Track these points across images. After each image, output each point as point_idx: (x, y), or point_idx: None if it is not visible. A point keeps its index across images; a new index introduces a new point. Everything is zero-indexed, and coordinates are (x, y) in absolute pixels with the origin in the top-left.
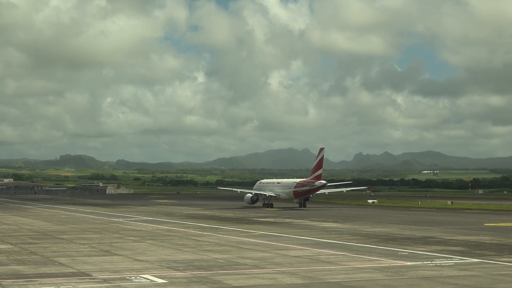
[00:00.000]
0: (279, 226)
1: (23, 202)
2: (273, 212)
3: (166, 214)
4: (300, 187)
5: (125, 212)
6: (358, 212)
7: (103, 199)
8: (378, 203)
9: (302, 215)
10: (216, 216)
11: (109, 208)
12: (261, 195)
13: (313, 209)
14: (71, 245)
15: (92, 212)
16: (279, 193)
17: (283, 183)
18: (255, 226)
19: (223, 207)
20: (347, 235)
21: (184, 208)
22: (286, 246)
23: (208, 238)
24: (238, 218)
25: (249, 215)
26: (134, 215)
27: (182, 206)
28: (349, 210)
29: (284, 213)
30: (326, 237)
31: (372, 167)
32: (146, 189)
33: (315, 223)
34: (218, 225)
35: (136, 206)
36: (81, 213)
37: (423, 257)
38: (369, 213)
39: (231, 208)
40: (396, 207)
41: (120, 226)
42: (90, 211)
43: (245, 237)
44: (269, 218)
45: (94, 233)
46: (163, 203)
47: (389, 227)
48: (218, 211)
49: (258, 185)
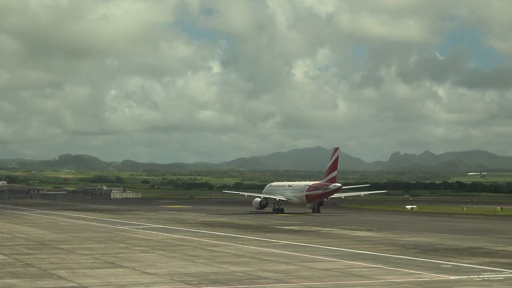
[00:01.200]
0: (305, 235)
1: (17, 208)
2: (298, 219)
3: (178, 221)
4: (313, 190)
5: (132, 219)
6: (394, 219)
7: (107, 204)
8: (417, 209)
9: (332, 222)
10: (234, 224)
11: (114, 214)
12: (270, 199)
13: (339, 215)
14: (71, 256)
15: (95, 219)
16: (291, 197)
17: (295, 186)
18: (278, 235)
19: (241, 213)
20: (383, 245)
21: (198, 215)
22: (314, 258)
23: (225, 249)
24: (259, 226)
25: (271, 222)
26: (142, 223)
27: (195, 212)
28: (384, 217)
29: (311, 220)
30: (358, 248)
31: (410, 169)
32: (155, 193)
33: (346, 231)
34: (236, 233)
35: (144, 212)
36: (82, 220)
37: (469, 271)
38: (407, 221)
39: (249, 214)
40: (438, 213)
41: (127, 234)
42: (93, 217)
43: (267, 247)
44: (294, 226)
45: (97, 243)
46: (175, 209)
47: (430, 236)
48: (236, 218)
49: (267, 189)
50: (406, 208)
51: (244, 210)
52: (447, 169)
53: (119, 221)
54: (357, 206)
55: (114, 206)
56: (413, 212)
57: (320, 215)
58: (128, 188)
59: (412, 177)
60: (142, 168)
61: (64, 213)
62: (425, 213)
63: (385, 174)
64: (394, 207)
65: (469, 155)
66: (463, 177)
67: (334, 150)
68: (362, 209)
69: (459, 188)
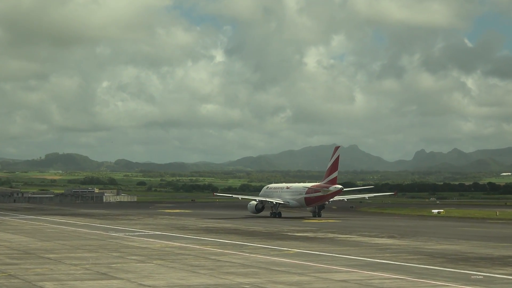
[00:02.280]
0: (320, 242)
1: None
2: (312, 225)
3: (177, 227)
4: (312, 192)
5: (127, 225)
6: (419, 225)
7: (99, 209)
8: (445, 213)
9: (350, 228)
10: (240, 230)
11: (106, 220)
12: (267, 202)
13: (350, 219)
14: (59, 266)
15: (86, 225)
16: (289, 200)
17: (293, 188)
18: (289, 243)
19: (243, 217)
20: (406, 254)
21: (200, 220)
22: (329, 268)
23: (230, 258)
24: (268, 233)
25: (282, 228)
26: (138, 229)
27: (197, 218)
28: (408, 222)
29: (327, 226)
30: (379, 257)
31: (437, 168)
32: (152, 196)
33: (365, 238)
34: (243, 241)
35: (140, 218)
36: (71, 226)
37: (502, 282)
38: (433, 226)
39: (257, 219)
40: (468, 218)
41: (121, 242)
42: (83, 223)
43: (277, 257)
44: (307, 232)
45: (88, 252)
46: (174, 214)
47: (459, 243)
48: (243, 223)
49: (265, 191)
50: (432, 212)
51: (233, 214)
52: (478, 169)
53: (112, 227)
54: (378, 210)
55: (106, 210)
56: (440, 217)
57: (321, 219)
58: (122, 191)
59: (438, 177)
60: (137, 168)
61: (51, 218)
62: (453, 218)
63: (409, 174)
64: (419, 211)
65: (502, 153)
66: (496, 178)
67: (335, 149)
68: (383, 213)
69: (491, 190)
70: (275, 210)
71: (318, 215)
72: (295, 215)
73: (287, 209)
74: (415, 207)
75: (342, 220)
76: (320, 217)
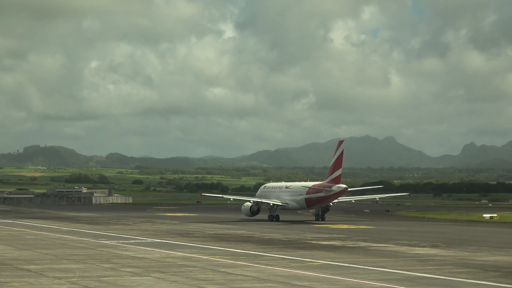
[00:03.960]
0: (349, 252)
1: None
2: (340, 232)
3: (180, 234)
4: (314, 193)
5: (121, 230)
6: (468, 232)
7: (87, 212)
8: (498, 218)
9: (385, 236)
10: (255, 238)
11: (96, 225)
12: (263, 204)
13: (385, 225)
14: (41, 279)
15: (72, 230)
16: (288, 201)
17: (293, 188)
18: (313, 253)
19: (262, 223)
20: (452, 267)
21: (207, 226)
22: (361, 283)
23: (243, 270)
24: (288, 241)
25: (305, 236)
26: (134, 236)
27: (204, 223)
28: (454, 229)
29: (358, 233)
30: (420, 270)
31: (489, 165)
32: (151, 197)
33: (404, 248)
34: (258, 250)
35: (136, 223)
36: (55, 232)
37: None
38: (484, 234)
39: (276, 224)
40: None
41: (113, 251)
42: (69, 229)
43: (299, 269)
44: (334, 240)
45: (74, 262)
46: (177, 218)
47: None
48: (259, 229)
49: (261, 191)
50: (484, 217)
51: (227, 218)
52: None
53: (103, 233)
54: (418, 215)
55: (96, 213)
56: (493, 222)
57: (324, 223)
58: (115, 191)
59: (491, 176)
60: (133, 164)
61: (31, 223)
62: (508, 224)
63: (456, 172)
64: (468, 215)
65: None
66: None
67: (339, 144)
68: (425, 218)
69: None
70: (273, 213)
71: (321, 218)
72: (296, 218)
73: (286, 212)
74: (463, 210)
75: (376, 226)
76: (323, 221)
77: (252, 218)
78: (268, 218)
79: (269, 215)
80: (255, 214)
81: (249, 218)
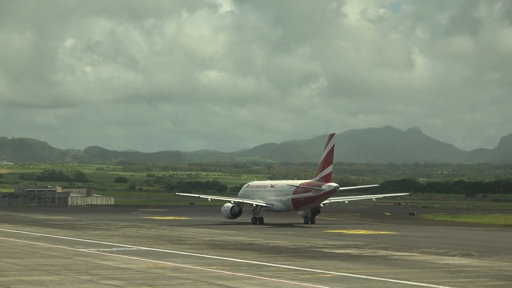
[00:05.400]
0: (366, 262)
1: None
2: (356, 238)
3: (171, 240)
4: (301, 192)
5: (101, 237)
6: (505, 238)
7: (62, 214)
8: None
9: (409, 243)
10: (257, 245)
11: (73, 230)
12: (245, 204)
13: (410, 230)
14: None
15: (44, 236)
16: (273, 201)
17: (278, 187)
18: (325, 263)
19: (270, 229)
20: (487, 279)
21: (202, 231)
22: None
23: (244, 283)
24: (296, 249)
25: (315, 243)
26: (116, 243)
27: (198, 228)
28: (489, 235)
29: (377, 239)
30: (450, 283)
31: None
32: (136, 198)
33: (431, 257)
34: (261, 260)
35: (119, 227)
36: (24, 238)
37: None
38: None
39: (285, 229)
40: None
41: (92, 261)
42: (41, 235)
43: (309, 282)
44: (350, 248)
45: (47, 274)
46: (166, 222)
47: None
48: (261, 235)
49: (244, 190)
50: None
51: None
52: None
53: (81, 240)
54: (448, 219)
55: (73, 217)
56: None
57: (314, 226)
58: (94, 190)
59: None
60: (116, 159)
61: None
62: None
63: (492, 168)
64: (506, 219)
65: None
66: None
67: (329, 137)
68: (456, 222)
69: None
70: (256, 215)
71: (311, 221)
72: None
73: (271, 214)
74: (500, 213)
75: (398, 231)
76: (313, 224)
77: (233, 221)
78: (252, 220)
79: (252, 218)
80: (237, 216)
81: (230, 220)
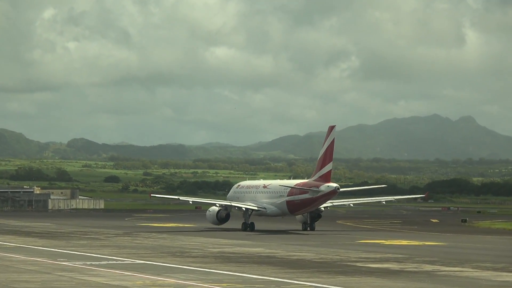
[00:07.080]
0: (409, 279)
1: None
2: (397, 250)
3: (172, 252)
4: (298, 194)
5: (88, 248)
6: None
7: (41, 220)
8: None
9: (459, 256)
10: (276, 258)
11: (54, 239)
12: (234, 208)
13: (461, 241)
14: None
15: (20, 247)
16: (265, 204)
17: (272, 187)
18: (359, 280)
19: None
20: None
21: (210, 241)
22: None
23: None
24: (323, 263)
25: (348, 256)
26: (107, 255)
27: (205, 237)
28: None
29: (421, 251)
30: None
31: None
32: (131, 201)
33: (486, 273)
34: (281, 276)
35: (110, 236)
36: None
37: None
38: None
39: (301, 238)
40: None
41: (77, 277)
42: (16, 245)
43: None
44: (389, 262)
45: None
46: (167, 230)
47: None
48: (280, 246)
49: (234, 191)
50: None
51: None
52: None
53: (63, 252)
54: (508, 227)
55: (54, 223)
56: None
57: (314, 233)
58: (80, 191)
59: None
60: (106, 154)
61: None
62: None
63: None
64: None
65: None
66: None
67: (329, 130)
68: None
69: None
70: (247, 220)
71: (310, 227)
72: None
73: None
74: None
75: (448, 242)
76: (313, 230)
77: (220, 227)
78: (242, 226)
79: (243, 223)
80: (224, 221)
81: (216, 226)
